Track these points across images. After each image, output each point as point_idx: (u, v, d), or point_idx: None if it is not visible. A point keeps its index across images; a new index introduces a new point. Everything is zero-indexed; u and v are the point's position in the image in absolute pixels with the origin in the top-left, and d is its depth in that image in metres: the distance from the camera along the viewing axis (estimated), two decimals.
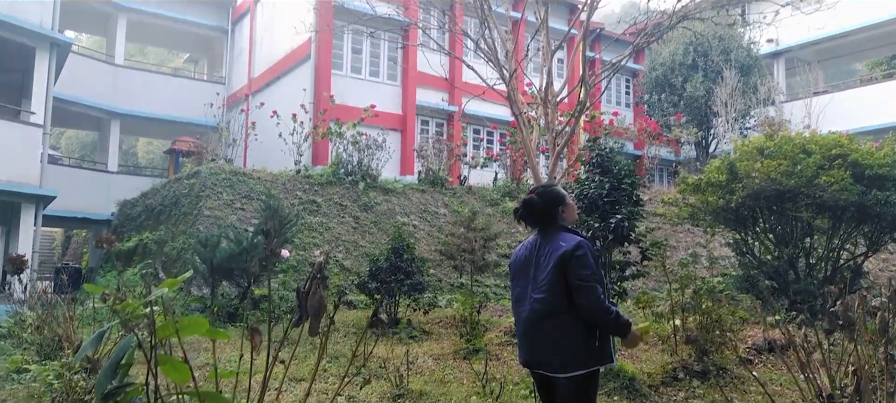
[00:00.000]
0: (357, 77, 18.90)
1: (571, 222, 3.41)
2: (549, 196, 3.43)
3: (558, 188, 3.50)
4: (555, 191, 3.46)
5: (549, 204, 3.39)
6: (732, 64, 20.80)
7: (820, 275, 10.35)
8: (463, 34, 10.78)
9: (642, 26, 10.21)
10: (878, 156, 9.99)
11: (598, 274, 3.19)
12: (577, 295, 3.12)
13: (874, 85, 23.84)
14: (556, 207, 3.38)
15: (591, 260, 3.16)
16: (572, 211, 3.43)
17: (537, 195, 3.44)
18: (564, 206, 3.41)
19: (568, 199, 3.44)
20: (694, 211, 11.15)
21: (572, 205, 3.45)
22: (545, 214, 3.39)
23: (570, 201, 3.44)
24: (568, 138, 9.86)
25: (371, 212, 14.40)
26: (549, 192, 3.45)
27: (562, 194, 3.45)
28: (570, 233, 3.31)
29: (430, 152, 17.31)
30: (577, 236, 3.28)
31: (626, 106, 25.82)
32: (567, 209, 3.41)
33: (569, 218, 3.40)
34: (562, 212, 3.39)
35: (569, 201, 3.44)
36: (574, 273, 3.13)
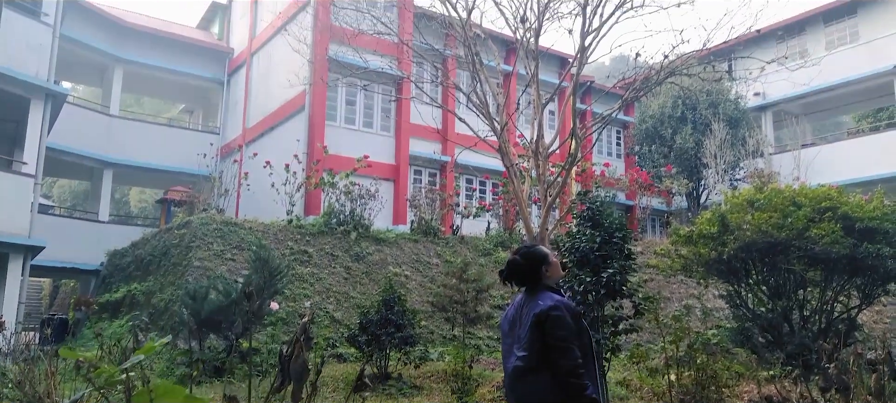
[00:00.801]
0: (351, 128, 19.05)
1: (556, 280, 3.45)
2: (532, 256, 3.48)
3: (541, 248, 3.55)
4: (538, 251, 3.51)
5: (533, 264, 3.44)
6: (721, 117, 21.12)
7: (814, 328, 10.29)
8: (455, 88, 10.93)
9: (631, 80, 10.38)
10: (867, 208, 10.05)
11: (576, 334, 3.22)
12: (552, 354, 3.17)
13: (861, 137, 24.20)
14: (539, 267, 3.43)
15: (567, 320, 3.20)
16: (556, 269, 3.46)
17: (521, 256, 3.50)
18: (548, 266, 3.44)
19: (551, 258, 3.48)
20: (687, 262, 11.13)
21: (556, 264, 3.47)
22: (529, 274, 3.44)
23: (553, 260, 3.48)
24: (559, 189, 9.90)
25: (363, 263, 14.31)
26: (533, 253, 3.51)
27: (544, 254, 3.49)
28: (552, 293, 3.36)
29: (422, 202, 17.33)
30: (557, 296, 3.32)
31: (618, 156, 26.06)
32: (551, 268, 3.44)
33: (553, 276, 3.43)
34: (545, 271, 3.42)
35: (552, 260, 3.48)
36: (550, 333, 3.19)
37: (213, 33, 26.88)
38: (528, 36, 10.06)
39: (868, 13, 22.94)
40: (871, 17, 22.85)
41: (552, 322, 3.19)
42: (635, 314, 7.25)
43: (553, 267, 3.45)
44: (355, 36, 10.91)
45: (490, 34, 12.41)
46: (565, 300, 3.32)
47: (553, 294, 3.34)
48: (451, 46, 14.19)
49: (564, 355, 3.12)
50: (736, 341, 10.99)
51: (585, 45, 9.39)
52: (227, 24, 25.75)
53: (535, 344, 3.23)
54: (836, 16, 23.87)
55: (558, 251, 7.22)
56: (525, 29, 9.99)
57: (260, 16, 22.48)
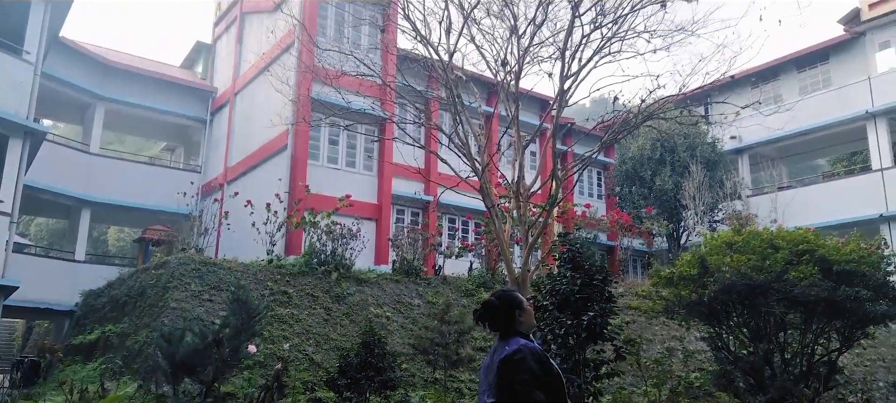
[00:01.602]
0: (333, 167, 19.04)
1: (528, 327, 3.43)
2: (507, 300, 3.48)
3: (516, 293, 3.55)
4: (513, 296, 3.51)
5: (507, 308, 3.44)
6: (698, 159, 21.45)
7: (796, 371, 10.30)
8: (437, 128, 11.01)
9: (610, 122, 10.54)
10: (844, 251, 10.18)
11: (541, 379, 3.20)
12: (516, 398, 3.16)
13: (837, 181, 24.67)
14: (513, 311, 3.43)
15: (529, 365, 3.19)
16: (530, 317, 3.45)
17: (497, 298, 3.50)
18: (521, 311, 3.44)
19: (525, 305, 3.48)
20: (668, 304, 11.15)
21: (530, 311, 3.47)
22: (503, 318, 3.44)
23: (527, 307, 3.47)
24: (541, 230, 9.93)
25: (343, 304, 14.15)
26: (508, 296, 3.51)
27: (518, 300, 3.49)
28: (521, 338, 3.35)
29: (404, 242, 17.26)
30: (523, 341, 3.31)
31: (599, 197, 26.28)
32: (524, 314, 3.44)
33: (526, 322, 3.42)
34: (518, 317, 3.42)
35: (526, 307, 3.47)
36: (512, 377, 3.19)
37: (196, 72, 26.94)
38: (508, 78, 10.21)
39: (839, 60, 23.65)
40: (842, 64, 23.54)
41: (514, 366, 3.19)
42: (617, 357, 7.22)
43: (527, 314, 3.45)
44: (338, 77, 10.99)
45: (472, 76, 12.57)
46: (532, 345, 3.31)
47: (521, 339, 3.33)
48: (434, 88, 14.33)
49: (525, 398, 3.11)
50: (718, 384, 10.96)
51: (565, 88, 9.54)
52: (211, 63, 25.85)
53: (503, 391, 3.22)
54: (808, 62, 24.56)
55: (539, 293, 7.21)
56: (506, 72, 10.15)
57: (244, 56, 22.61)
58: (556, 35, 10.24)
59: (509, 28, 10.07)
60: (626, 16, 9.28)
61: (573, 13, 9.07)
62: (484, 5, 10.37)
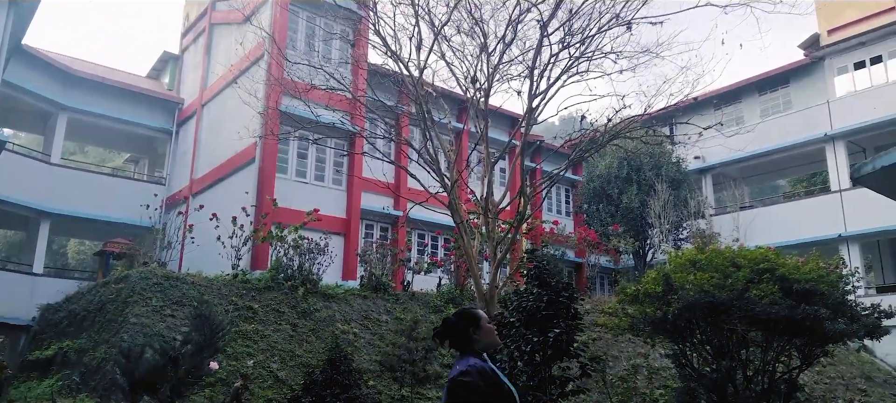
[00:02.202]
0: (302, 181, 18.87)
1: (486, 345, 3.35)
2: (464, 317, 3.41)
3: (477, 311, 3.46)
4: (470, 313, 3.43)
5: (463, 325, 3.37)
6: (663, 178, 21.82)
7: (758, 389, 10.46)
8: (407, 144, 11.02)
9: (578, 140, 10.68)
10: (804, 270, 10.41)
11: (486, 399, 3.16)
12: None
13: (797, 201, 25.33)
14: (467, 329, 3.35)
15: (473, 385, 3.14)
16: (487, 335, 3.36)
17: (455, 316, 3.43)
18: (477, 329, 3.35)
19: (483, 323, 3.39)
20: (634, 321, 11.25)
21: (488, 330, 3.38)
22: (459, 336, 3.37)
23: (485, 325, 3.38)
24: (509, 246, 9.97)
25: (310, 319, 13.97)
26: (465, 313, 3.43)
27: (477, 317, 3.40)
28: (473, 358, 3.28)
29: (373, 257, 17.14)
30: (473, 360, 3.25)
31: (567, 214, 26.51)
32: (481, 332, 3.36)
33: (482, 340, 3.34)
34: (473, 334, 3.34)
35: (484, 325, 3.38)
36: (458, 398, 3.14)
37: (163, 83, 26.52)
38: (478, 95, 10.28)
39: (800, 84, 24.39)
40: (802, 87, 24.28)
41: (461, 387, 3.14)
42: (582, 374, 7.25)
43: (484, 333, 3.36)
44: (308, 90, 10.94)
45: (442, 92, 12.62)
46: (481, 364, 3.24)
47: (473, 358, 3.26)
48: (404, 103, 14.34)
49: None
50: (682, 401, 11.07)
51: (533, 106, 9.64)
52: (178, 74, 25.48)
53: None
54: (769, 85, 25.27)
55: (506, 309, 7.22)
56: (475, 89, 10.21)
57: (212, 68, 22.34)
58: (525, 54, 10.36)
59: (479, 46, 10.16)
60: (594, 37, 9.44)
61: (542, 33, 9.19)
62: (454, 23, 10.46)
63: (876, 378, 17.29)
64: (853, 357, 17.70)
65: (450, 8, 10.00)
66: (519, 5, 9.24)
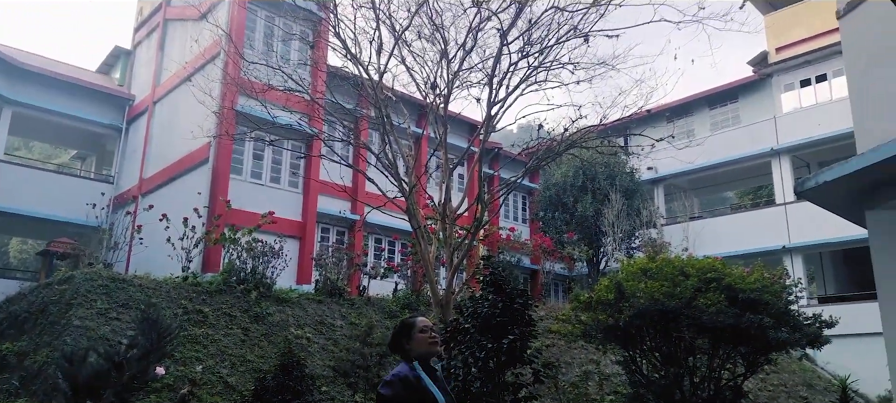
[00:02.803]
0: (257, 182, 18.56)
1: (421, 353, 3.42)
2: (399, 327, 3.56)
3: (413, 319, 3.56)
4: (405, 323, 3.55)
5: (398, 335, 3.50)
6: (618, 188, 22.27)
7: (704, 395, 10.74)
8: (365, 148, 10.96)
9: (536, 148, 10.81)
10: (749, 280, 10.75)
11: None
12: None
13: (744, 213, 26.20)
14: (401, 339, 3.47)
15: (395, 393, 3.24)
16: (419, 343, 3.43)
17: (397, 325, 3.58)
18: (409, 339, 3.44)
19: (416, 332, 3.47)
20: (586, 328, 11.42)
21: (421, 339, 3.45)
22: (397, 345, 3.50)
23: (416, 333, 3.47)
24: (466, 252, 10.01)
25: (262, 324, 13.72)
26: (401, 323, 3.57)
27: (409, 325, 3.51)
28: (405, 366, 3.38)
29: (329, 261, 16.96)
30: (402, 368, 3.35)
31: (523, 222, 26.77)
32: (412, 341, 3.44)
33: (415, 348, 3.42)
34: (406, 345, 3.44)
35: (415, 334, 3.47)
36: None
37: (113, 78, 25.74)
38: (438, 101, 10.31)
39: (748, 99, 25.25)
40: (750, 103, 25.14)
41: (379, 398, 3.27)
42: (535, 381, 7.32)
43: (415, 342, 3.43)
44: (265, 90, 10.78)
45: (401, 97, 12.61)
46: (406, 371, 3.32)
47: (403, 367, 3.37)
48: (363, 107, 14.28)
49: None
50: None
51: (492, 113, 9.72)
52: (129, 70, 24.78)
53: None
54: (719, 100, 26.09)
55: (461, 315, 7.25)
56: (435, 95, 10.24)
57: (165, 64, 21.80)
58: (485, 61, 10.45)
59: (439, 52, 10.20)
60: (552, 47, 9.59)
61: (501, 41, 9.28)
62: (415, 28, 10.47)
63: (817, 386, 17.97)
64: (795, 366, 18.36)
65: (411, 13, 10.02)
66: (479, 14, 9.33)
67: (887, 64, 4.36)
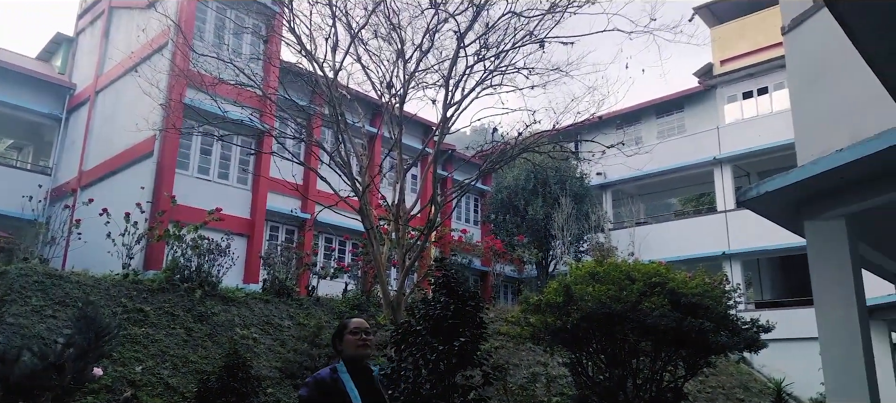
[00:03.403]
0: (204, 178, 18.09)
1: (351, 355, 3.50)
2: (337, 327, 3.69)
3: (348, 320, 3.68)
4: (341, 323, 3.69)
5: (334, 335, 3.66)
6: (568, 192, 22.66)
7: (646, 396, 11.01)
8: (318, 146, 10.81)
9: (490, 151, 10.88)
10: (691, 285, 11.08)
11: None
12: None
13: (686, 219, 27.02)
14: (335, 340, 3.62)
15: (309, 394, 3.35)
16: (349, 344, 3.53)
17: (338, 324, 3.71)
18: (340, 340, 3.56)
19: (347, 332, 3.58)
20: (535, 330, 11.55)
21: (350, 340, 3.55)
22: (333, 345, 3.65)
23: (347, 335, 3.57)
24: (418, 254, 9.99)
25: (207, 324, 13.37)
26: (339, 323, 3.72)
27: (343, 326, 3.65)
28: (327, 369, 3.49)
29: (277, 260, 16.67)
30: (321, 371, 3.46)
31: (475, 223, 26.93)
32: (343, 342, 3.55)
33: (345, 349, 3.52)
34: (338, 345, 3.56)
35: (346, 335, 3.57)
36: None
37: (54, 66, 24.67)
38: (393, 101, 10.26)
39: (693, 109, 26.07)
40: (695, 113, 25.97)
41: (298, 399, 3.37)
42: (485, 383, 7.35)
43: (345, 343, 3.54)
44: (215, 84, 10.51)
45: (356, 96, 12.50)
46: (325, 374, 3.41)
47: (324, 370, 3.47)
48: (317, 104, 14.10)
49: None
50: None
51: (448, 115, 9.74)
52: (71, 57, 23.79)
53: None
54: (666, 109, 26.86)
55: (413, 317, 7.23)
56: (391, 94, 10.19)
57: (109, 53, 21.02)
58: (442, 63, 10.47)
59: (396, 52, 10.15)
60: (508, 51, 9.67)
61: (458, 43, 9.31)
62: (372, 27, 10.39)
63: (752, 388, 18.68)
64: (733, 368, 19.05)
65: (368, 11, 9.94)
66: (437, 15, 9.33)
67: (827, 80, 4.56)
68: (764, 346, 11.86)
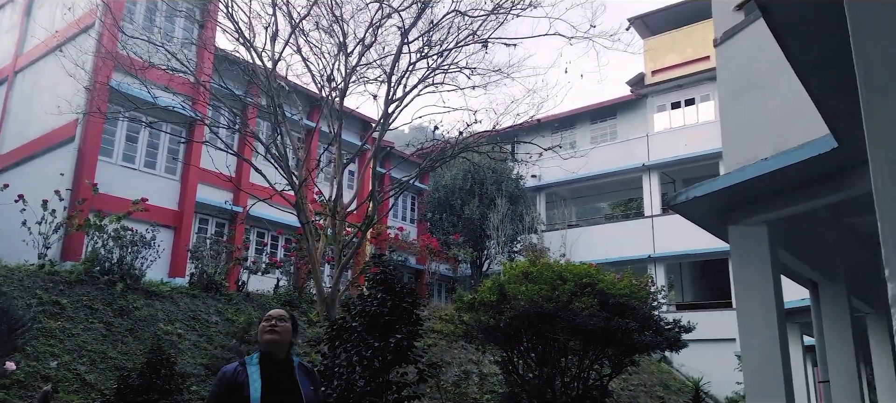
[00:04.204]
0: (129, 166, 17.30)
1: (261, 344, 3.53)
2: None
3: (268, 315, 3.65)
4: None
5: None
6: (504, 193, 22.99)
7: (573, 394, 11.31)
8: (254, 137, 10.52)
9: (429, 149, 10.89)
10: (619, 286, 11.46)
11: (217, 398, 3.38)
12: None
13: (615, 223, 27.91)
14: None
15: (213, 389, 3.41)
16: (259, 333, 3.56)
17: None
18: (259, 332, 3.59)
19: (260, 325, 3.60)
20: (469, 329, 11.66)
21: (260, 328, 3.58)
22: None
23: (259, 327, 3.61)
24: (354, 250, 9.89)
25: (128, 318, 12.80)
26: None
27: (261, 320, 3.64)
28: (236, 362, 3.50)
29: (206, 254, 16.14)
30: (230, 365, 3.47)
31: (411, 222, 26.91)
32: (259, 334, 3.60)
33: (259, 340, 3.56)
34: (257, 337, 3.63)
35: (259, 327, 3.61)
36: None
37: None
38: (333, 95, 10.12)
39: (625, 117, 26.96)
40: (627, 121, 26.85)
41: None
42: (420, 380, 7.36)
43: (258, 332, 3.60)
44: (145, 68, 10.08)
45: (295, 88, 12.26)
46: (231, 365, 3.44)
47: (233, 363, 3.48)
48: (253, 94, 13.74)
49: None
50: None
51: (389, 111, 9.68)
52: None
53: None
54: (600, 116, 27.66)
55: (349, 313, 7.16)
56: (331, 88, 10.04)
57: (31, 31, 19.82)
58: (384, 59, 10.40)
59: (338, 45, 10.01)
60: (451, 50, 9.71)
61: (402, 39, 9.28)
62: (314, 18, 10.22)
63: (672, 386, 19.48)
64: (654, 367, 19.80)
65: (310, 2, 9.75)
66: (381, 8, 9.26)
67: (754, 92, 4.81)
68: (685, 346, 12.39)
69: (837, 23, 2.41)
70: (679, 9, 25.04)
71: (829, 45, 2.52)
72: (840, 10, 2.32)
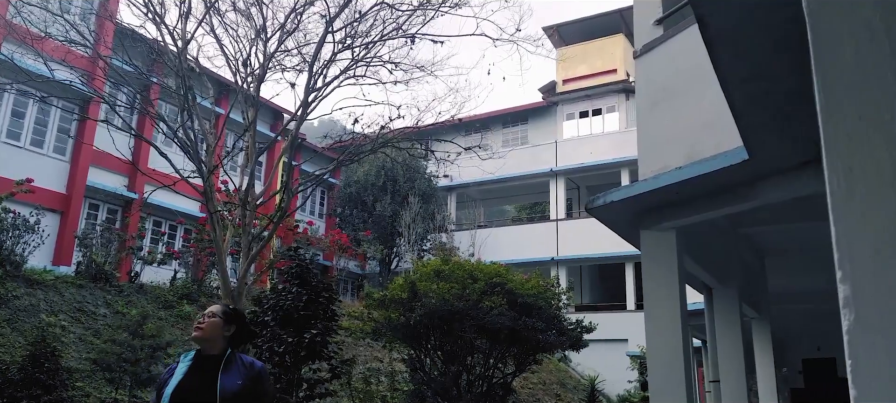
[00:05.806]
0: (14, 144, 15.88)
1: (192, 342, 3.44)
2: None
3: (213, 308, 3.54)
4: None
5: None
6: (416, 191, 23.02)
7: (477, 392, 11.50)
8: (158, 119, 9.92)
9: (346, 143, 10.71)
10: (527, 286, 11.77)
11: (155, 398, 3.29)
12: None
13: (522, 225, 28.64)
14: None
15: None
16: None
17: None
18: None
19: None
20: (377, 325, 11.59)
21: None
22: None
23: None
24: (264, 243, 9.55)
25: (7, 308, 11.76)
26: None
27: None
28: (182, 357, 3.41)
29: (96, 241, 15.11)
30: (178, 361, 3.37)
31: (320, 216, 26.39)
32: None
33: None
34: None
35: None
36: None
37: None
38: (249, 81, 9.73)
39: (535, 123, 27.71)
40: (537, 127, 27.62)
41: None
42: (332, 377, 7.22)
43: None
44: (40, 39, 9.28)
45: (206, 71, 11.70)
46: (174, 365, 3.32)
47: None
48: (159, 74, 12.96)
49: None
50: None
51: (308, 100, 9.44)
52: None
53: None
54: (512, 120, 28.30)
55: (260, 308, 6.89)
56: (247, 73, 9.66)
57: None
58: (304, 47, 10.12)
59: (256, 29, 9.64)
60: (375, 43, 9.59)
61: (326, 28, 9.06)
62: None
63: (568, 384, 20.23)
64: (553, 365, 20.49)
65: None
66: None
67: (671, 103, 5.08)
68: (586, 345, 12.90)
69: (769, 37, 2.58)
70: (592, 22, 26.05)
71: (757, 59, 2.70)
72: (773, 24, 2.49)
